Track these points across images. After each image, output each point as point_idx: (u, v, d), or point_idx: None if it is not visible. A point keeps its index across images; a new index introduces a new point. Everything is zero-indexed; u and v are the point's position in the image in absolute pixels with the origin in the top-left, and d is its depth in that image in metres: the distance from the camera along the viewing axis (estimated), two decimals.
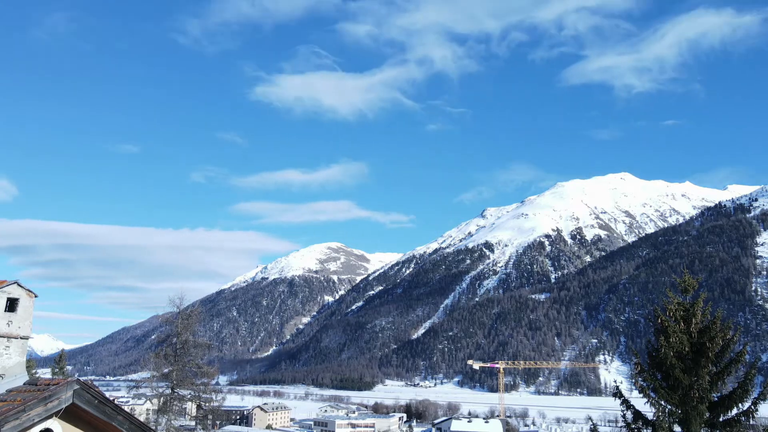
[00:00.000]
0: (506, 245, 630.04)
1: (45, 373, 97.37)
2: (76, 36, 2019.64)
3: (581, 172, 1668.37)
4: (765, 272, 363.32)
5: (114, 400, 33.72)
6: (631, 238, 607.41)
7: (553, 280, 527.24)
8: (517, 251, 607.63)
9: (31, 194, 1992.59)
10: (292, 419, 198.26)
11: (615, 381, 31.50)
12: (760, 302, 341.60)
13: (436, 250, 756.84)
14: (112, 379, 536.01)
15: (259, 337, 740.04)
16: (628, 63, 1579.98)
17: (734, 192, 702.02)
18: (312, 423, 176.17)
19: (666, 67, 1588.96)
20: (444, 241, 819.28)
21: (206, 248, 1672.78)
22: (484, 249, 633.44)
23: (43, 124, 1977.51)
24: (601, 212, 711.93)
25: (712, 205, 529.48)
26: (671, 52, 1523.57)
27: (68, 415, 10.56)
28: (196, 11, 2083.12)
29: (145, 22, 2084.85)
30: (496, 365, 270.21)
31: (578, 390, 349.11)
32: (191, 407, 39.67)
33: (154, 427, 31.82)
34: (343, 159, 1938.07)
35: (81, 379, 10.91)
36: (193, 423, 53.29)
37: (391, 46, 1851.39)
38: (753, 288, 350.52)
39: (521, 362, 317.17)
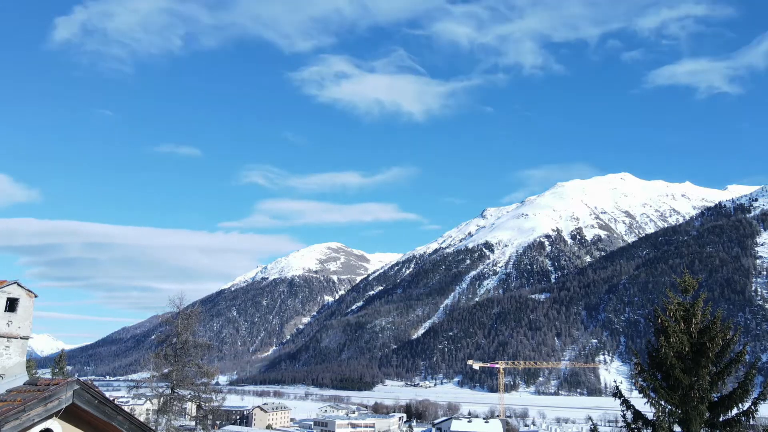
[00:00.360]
0: (506, 245, 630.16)
1: (45, 373, 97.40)
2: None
3: (581, 172, 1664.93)
4: (765, 272, 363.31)
5: (114, 400, 33.73)
6: (631, 238, 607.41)
7: (553, 280, 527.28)
8: (517, 251, 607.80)
9: (60, 196, 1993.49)
10: (292, 419, 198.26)
11: (615, 381, 31.56)
12: (760, 302, 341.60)
13: (436, 250, 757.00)
14: (112, 379, 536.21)
15: (259, 337, 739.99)
16: (718, 68, 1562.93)
17: (734, 192, 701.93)
18: (312, 423, 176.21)
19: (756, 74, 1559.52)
20: (444, 241, 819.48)
21: (206, 249, 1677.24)
22: (484, 249, 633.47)
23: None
24: (601, 212, 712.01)
25: (712, 205, 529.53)
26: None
27: (68, 415, 10.56)
28: (289, 6, 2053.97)
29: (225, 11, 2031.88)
30: (496, 365, 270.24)
31: (578, 390, 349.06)
32: (191, 407, 39.67)
33: (154, 427, 31.82)
34: (405, 163, 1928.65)
35: (81, 379, 10.91)
36: (193, 423, 53.25)
37: (485, 53, 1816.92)
38: (753, 288, 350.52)
39: (521, 362, 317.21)
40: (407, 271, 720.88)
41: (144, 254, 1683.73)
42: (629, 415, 18.19)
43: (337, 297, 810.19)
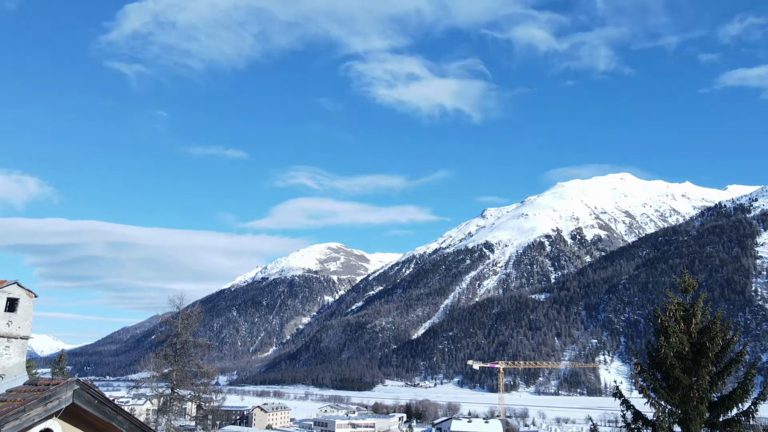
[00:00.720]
0: (506, 245, 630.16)
1: (45, 373, 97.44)
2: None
3: (581, 172, 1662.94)
4: (765, 272, 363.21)
5: (114, 400, 33.72)
6: (631, 238, 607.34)
7: (553, 280, 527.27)
8: (517, 251, 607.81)
9: (84, 196, 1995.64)
10: (292, 419, 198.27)
11: (615, 381, 31.57)
12: (760, 302, 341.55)
13: (436, 250, 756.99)
14: (112, 379, 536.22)
15: (259, 338, 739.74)
16: None
17: (734, 192, 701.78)
18: (312, 423, 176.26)
19: None
20: (444, 241, 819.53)
21: (207, 248, 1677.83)
22: (484, 249, 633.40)
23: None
24: (601, 212, 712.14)
25: (712, 205, 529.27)
26: None
27: (68, 415, 10.56)
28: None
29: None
30: (496, 365, 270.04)
31: (578, 390, 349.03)
32: (191, 407, 39.67)
33: (154, 427, 31.81)
34: (448, 166, 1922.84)
35: (81, 379, 10.91)
36: (193, 423, 53.30)
37: (557, 58, 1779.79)
38: (753, 288, 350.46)
39: (521, 362, 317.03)
40: (407, 271, 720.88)
41: (164, 255, 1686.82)
42: (629, 415, 18.19)
43: (337, 297, 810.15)
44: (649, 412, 18.02)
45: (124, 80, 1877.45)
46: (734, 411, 17.33)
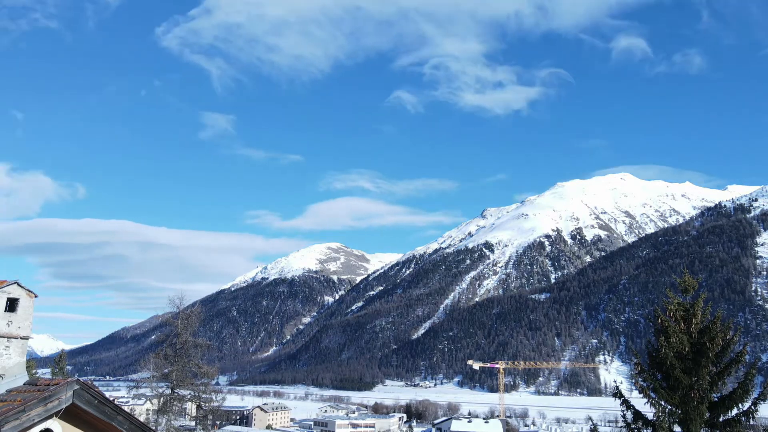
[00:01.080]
0: (506, 245, 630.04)
1: (45, 373, 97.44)
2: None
3: (581, 172, 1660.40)
4: (765, 272, 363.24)
5: (114, 400, 33.69)
6: (631, 239, 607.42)
7: (553, 280, 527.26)
8: (517, 251, 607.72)
9: (110, 194, 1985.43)
10: (292, 419, 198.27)
11: (615, 381, 31.58)
12: (760, 302, 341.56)
13: (436, 250, 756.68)
14: (112, 379, 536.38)
15: (259, 338, 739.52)
16: None
17: (734, 192, 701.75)
18: (312, 423, 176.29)
19: None
20: (444, 241, 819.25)
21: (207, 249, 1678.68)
22: (484, 249, 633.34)
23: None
24: (601, 212, 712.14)
25: (712, 205, 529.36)
26: None
27: (68, 415, 10.56)
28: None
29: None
30: (496, 365, 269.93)
31: (578, 390, 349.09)
32: (191, 407, 39.66)
33: (154, 427, 31.80)
34: (496, 168, 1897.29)
35: (81, 379, 10.91)
36: (193, 423, 53.29)
37: (650, 64, 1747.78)
38: (753, 288, 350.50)
39: (521, 362, 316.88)
40: (407, 272, 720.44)
41: (187, 257, 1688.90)
42: (629, 415, 18.19)
43: (337, 297, 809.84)
44: (649, 412, 18.02)
45: (204, 76, 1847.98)
46: (734, 411, 17.33)
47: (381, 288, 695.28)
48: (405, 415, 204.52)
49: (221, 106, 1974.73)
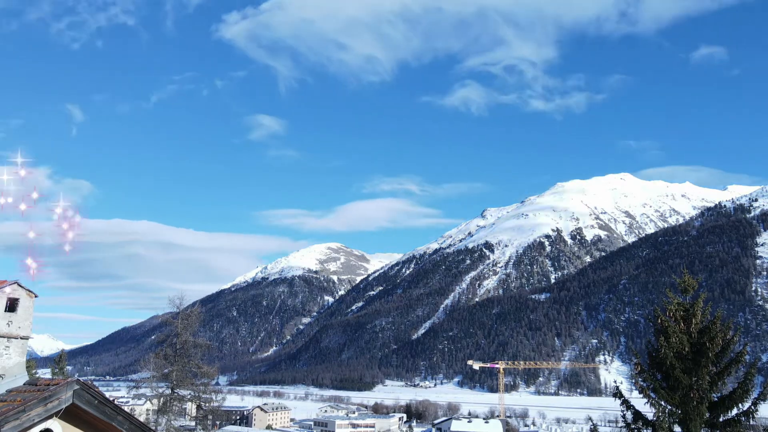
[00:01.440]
0: (506, 245, 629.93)
1: (45, 373, 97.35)
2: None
3: (581, 172, 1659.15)
4: (765, 272, 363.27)
5: (114, 400, 33.65)
6: (631, 239, 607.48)
7: (553, 280, 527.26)
8: (517, 251, 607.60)
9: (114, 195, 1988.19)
10: (292, 419, 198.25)
11: (615, 381, 31.55)
12: (760, 302, 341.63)
13: (436, 251, 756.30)
14: (112, 379, 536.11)
15: (259, 338, 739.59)
16: None
17: (734, 192, 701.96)
18: (312, 423, 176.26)
19: None
20: (444, 241, 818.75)
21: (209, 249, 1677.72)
22: (484, 249, 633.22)
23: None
24: (601, 212, 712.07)
25: (712, 205, 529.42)
26: None
27: (68, 415, 10.55)
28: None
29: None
30: (496, 365, 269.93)
31: (578, 390, 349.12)
32: (191, 407, 39.64)
33: (154, 428, 31.80)
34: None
35: (81, 379, 10.91)
36: (193, 423, 53.24)
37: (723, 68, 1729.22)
38: (753, 288, 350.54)
39: (521, 362, 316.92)
40: (407, 272, 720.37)
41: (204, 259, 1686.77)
42: (629, 415, 18.19)
43: (337, 297, 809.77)
44: (649, 412, 18.02)
45: (271, 75, 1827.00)
46: (734, 411, 17.34)
47: (381, 288, 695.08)
48: (405, 415, 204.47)
49: (279, 109, 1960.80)
